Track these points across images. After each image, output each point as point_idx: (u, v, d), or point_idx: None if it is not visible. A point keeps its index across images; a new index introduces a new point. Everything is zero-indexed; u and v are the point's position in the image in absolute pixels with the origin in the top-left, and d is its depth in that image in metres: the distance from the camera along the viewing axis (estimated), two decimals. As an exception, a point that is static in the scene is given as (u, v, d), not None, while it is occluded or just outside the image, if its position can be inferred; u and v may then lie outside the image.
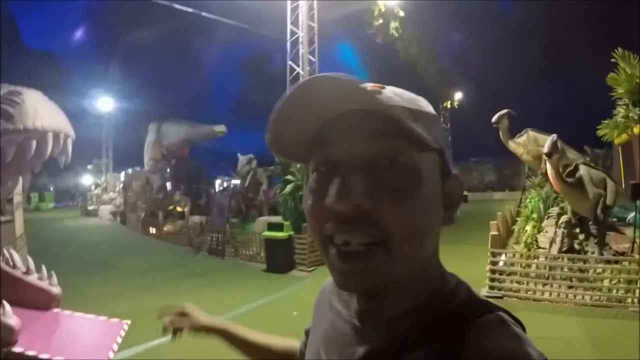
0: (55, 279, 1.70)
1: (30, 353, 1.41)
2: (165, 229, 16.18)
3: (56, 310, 1.70)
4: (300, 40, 12.71)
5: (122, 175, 26.97)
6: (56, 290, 1.68)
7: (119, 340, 1.62)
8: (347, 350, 0.66)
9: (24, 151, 1.35)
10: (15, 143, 1.33)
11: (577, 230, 7.59)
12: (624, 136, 9.51)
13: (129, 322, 1.73)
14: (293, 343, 1.09)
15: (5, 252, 1.70)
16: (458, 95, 34.96)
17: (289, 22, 13.07)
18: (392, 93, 0.63)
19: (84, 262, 11.35)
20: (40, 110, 1.39)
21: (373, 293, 0.63)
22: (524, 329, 0.59)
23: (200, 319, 1.26)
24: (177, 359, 5.07)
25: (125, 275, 10.01)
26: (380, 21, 18.65)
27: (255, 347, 1.15)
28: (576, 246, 7.41)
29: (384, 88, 0.64)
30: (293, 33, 12.99)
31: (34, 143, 1.36)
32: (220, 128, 20.63)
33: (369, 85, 0.62)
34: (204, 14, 13.97)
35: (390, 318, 0.63)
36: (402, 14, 19.19)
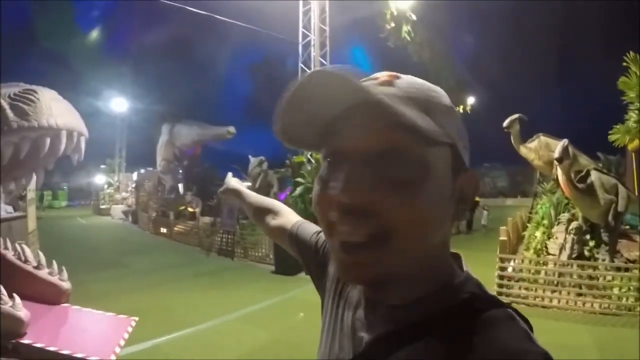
0: (65, 274, 1.73)
1: (38, 345, 1.45)
2: (176, 229, 16.27)
3: (65, 305, 1.73)
4: (312, 43, 12.77)
5: (135, 175, 27.26)
6: (66, 285, 1.70)
7: (126, 336, 1.64)
8: (357, 335, 0.69)
9: (38, 148, 1.38)
10: (29, 140, 1.36)
11: (588, 236, 7.51)
12: (637, 142, 9.39)
13: (136, 318, 1.75)
14: (285, 222, 1.20)
15: (17, 247, 1.74)
16: (471, 100, 34.68)
17: (300, 25, 13.14)
18: (406, 83, 0.62)
19: (95, 260, 11.46)
20: (54, 109, 1.42)
21: (376, 284, 0.63)
22: (531, 329, 0.59)
23: (228, 183, 1.49)
24: (181, 357, 5.14)
25: (135, 273, 10.14)
26: (392, 24, 18.63)
27: (256, 211, 1.32)
28: (586, 253, 7.33)
29: (398, 78, 0.63)
30: (305, 36, 13.05)
31: (48, 140, 1.39)
32: (229, 129, 20.73)
33: (384, 75, 0.63)
34: (217, 16, 14.04)
35: (396, 306, 0.64)
36: (414, 17, 19.15)
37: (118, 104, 31.70)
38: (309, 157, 11.51)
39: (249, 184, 17.67)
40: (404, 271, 0.60)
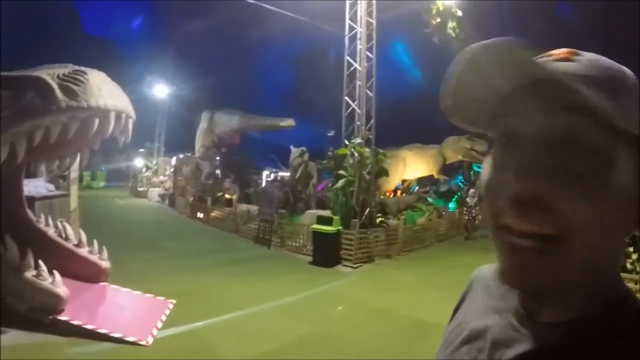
0: (105, 253, 1.76)
1: (76, 322, 1.48)
2: (212, 214, 16.46)
3: (104, 283, 1.76)
4: (359, 36, 12.67)
5: (173, 160, 27.80)
6: (105, 264, 1.74)
7: (164, 318, 1.65)
8: (497, 348, 0.61)
9: (87, 128, 1.41)
10: (78, 120, 1.38)
11: (631, 249, 7.24)
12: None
13: (174, 301, 1.76)
14: None
15: (59, 224, 1.80)
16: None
17: (347, 17, 13.04)
18: (587, 61, 0.55)
19: (133, 240, 11.67)
20: (104, 90, 1.45)
21: (536, 293, 0.58)
22: None
23: None
24: (218, 343, 5.11)
25: (172, 256, 10.29)
26: (438, 20, 18.39)
27: None
28: (628, 266, 7.09)
29: (578, 54, 0.56)
30: (351, 28, 12.97)
31: (97, 121, 1.41)
32: (288, 122, 20.85)
33: (562, 51, 0.57)
34: (263, 4, 14.11)
35: (549, 323, 0.57)
36: (459, 13, 18.87)
37: (159, 90, 32.37)
38: (352, 150, 11.48)
39: (288, 173, 17.85)
40: (571, 281, 0.54)
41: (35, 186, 5.29)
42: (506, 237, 0.54)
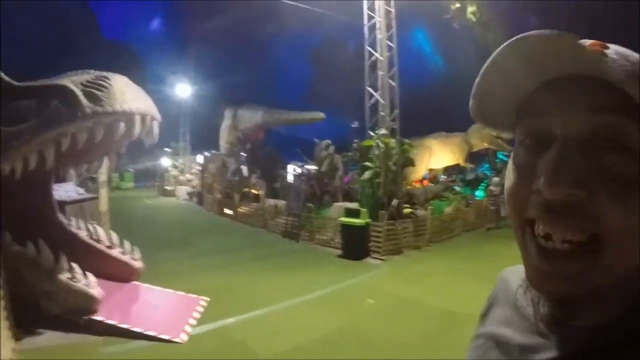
0: (137, 253, 1.77)
1: (110, 322, 1.50)
2: (240, 210, 16.64)
3: (136, 282, 1.77)
4: (378, 25, 12.53)
5: (199, 158, 28.17)
6: (137, 264, 1.75)
7: (197, 315, 1.66)
8: (524, 355, 0.59)
9: (112, 132, 1.41)
10: (103, 125, 1.39)
11: None
12: None
13: (207, 298, 1.77)
14: None
15: (90, 227, 1.81)
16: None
17: (365, 6, 12.90)
18: (616, 54, 0.48)
19: (163, 238, 11.81)
20: (127, 94, 1.45)
21: (569, 299, 0.54)
22: None
23: None
24: (250, 339, 5.18)
25: (202, 253, 10.39)
26: (458, 5, 18.15)
27: None
28: None
29: (606, 47, 0.50)
30: (370, 18, 12.82)
31: (122, 125, 1.42)
32: (317, 115, 20.85)
33: (588, 43, 0.49)
34: (280, -1, 14.07)
35: (581, 329, 0.55)
36: (479, -4, 18.59)
37: (182, 89, 32.83)
38: (378, 141, 11.39)
39: (314, 167, 17.88)
40: (604, 288, 0.51)
41: (65, 190, 5.43)
42: (537, 242, 0.52)
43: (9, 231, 1.47)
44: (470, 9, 19.29)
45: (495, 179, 16.00)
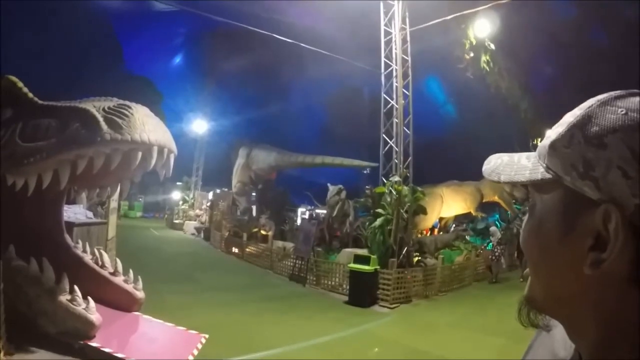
0: (140, 283, 1.74)
1: (106, 350, 1.45)
2: (247, 249, 16.51)
3: (137, 313, 1.74)
4: (394, 73, 12.74)
5: (210, 194, 28.29)
6: (140, 294, 1.71)
7: (195, 352, 1.62)
8: None
9: (129, 161, 1.40)
10: (121, 152, 1.39)
11: None
12: None
13: (206, 336, 1.73)
14: None
15: (96, 251, 1.78)
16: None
17: (382, 54, 13.17)
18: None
19: (168, 271, 11.73)
20: (147, 125, 1.45)
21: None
22: None
23: None
24: None
25: (206, 289, 10.28)
26: (471, 54, 18.44)
27: None
28: None
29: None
30: (387, 66, 13.06)
31: (140, 154, 1.41)
32: (368, 163, 20.43)
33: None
34: (301, 44, 14.39)
35: None
36: (492, 46, 18.89)
37: (198, 125, 33.32)
38: (390, 188, 11.35)
39: (324, 211, 17.84)
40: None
41: (74, 212, 5.42)
42: None
43: (14, 245, 1.45)
44: (484, 58, 19.59)
45: (492, 229, 15.80)
